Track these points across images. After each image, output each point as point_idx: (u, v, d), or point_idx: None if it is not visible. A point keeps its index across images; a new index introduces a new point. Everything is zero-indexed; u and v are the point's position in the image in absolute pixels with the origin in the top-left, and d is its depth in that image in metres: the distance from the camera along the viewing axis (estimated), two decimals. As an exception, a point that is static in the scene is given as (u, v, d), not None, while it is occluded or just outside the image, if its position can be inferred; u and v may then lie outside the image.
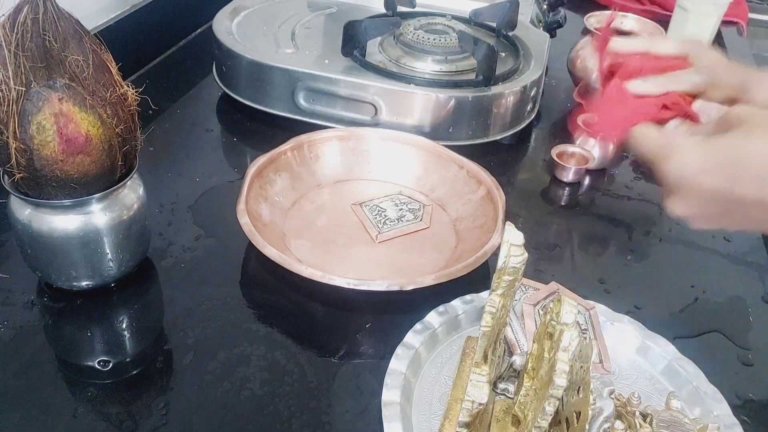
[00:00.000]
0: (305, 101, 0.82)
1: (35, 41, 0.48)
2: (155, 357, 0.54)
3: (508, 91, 0.81)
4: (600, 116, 0.57)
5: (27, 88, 0.48)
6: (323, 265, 0.63)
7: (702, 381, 0.53)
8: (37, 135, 0.48)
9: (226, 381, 0.52)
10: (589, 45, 0.92)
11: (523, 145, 0.88)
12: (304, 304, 0.60)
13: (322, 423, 0.50)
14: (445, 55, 0.85)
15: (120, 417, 0.49)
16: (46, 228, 0.53)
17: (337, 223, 0.69)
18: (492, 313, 0.43)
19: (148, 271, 0.62)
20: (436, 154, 0.75)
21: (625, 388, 0.53)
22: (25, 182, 0.51)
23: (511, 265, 0.42)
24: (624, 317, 0.58)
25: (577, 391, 0.43)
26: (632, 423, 0.46)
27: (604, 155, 0.82)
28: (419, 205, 0.72)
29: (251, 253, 0.65)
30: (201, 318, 0.58)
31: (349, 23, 0.84)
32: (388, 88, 0.80)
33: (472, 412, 0.45)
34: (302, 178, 0.73)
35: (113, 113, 0.52)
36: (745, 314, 0.64)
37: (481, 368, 0.45)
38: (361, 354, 0.57)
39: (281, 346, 0.56)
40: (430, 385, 0.53)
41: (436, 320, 0.56)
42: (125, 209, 0.56)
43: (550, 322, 0.45)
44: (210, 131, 0.85)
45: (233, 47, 0.84)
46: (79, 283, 0.57)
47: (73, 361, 0.54)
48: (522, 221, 0.74)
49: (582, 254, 0.71)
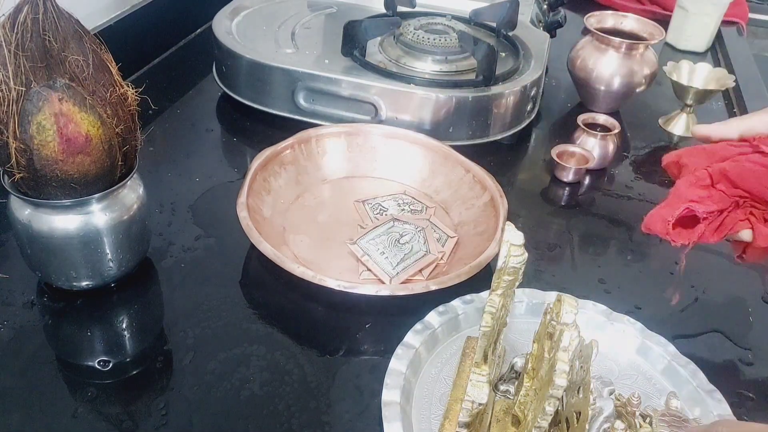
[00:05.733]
0: (305, 101, 0.82)
1: (35, 41, 0.48)
2: (155, 357, 0.54)
3: (508, 91, 0.81)
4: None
5: (27, 88, 0.48)
6: (320, 262, 0.63)
7: (702, 381, 0.53)
8: (37, 135, 0.48)
9: (226, 381, 0.52)
10: (589, 45, 0.92)
11: (523, 145, 0.88)
12: (304, 303, 0.60)
13: (322, 423, 0.50)
14: (445, 55, 0.85)
15: (120, 417, 0.49)
16: (46, 228, 0.53)
17: (337, 220, 0.69)
18: (492, 313, 0.43)
19: (148, 271, 0.62)
20: (443, 155, 0.75)
21: (625, 388, 0.53)
22: (25, 182, 0.51)
23: (511, 265, 0.42)
24: (624, 317, 0.58)
25: (577, 391, 0.43)
26: (632, 423, 0.46)
27: (604, 155, 0.82)
28: (422, 206, 0.72)
29: (251, 253, 0.65)
30: (201, 318, 0.58)
31: (349, 23, 0.84)
32: (388, 88, 0.80)
33: (472, 412, 0.45)
34: (307, 173, 0.73)
35: (113, 113, 0.52)
36: (745, 314, 0.64)
37: (481, 368, 0.45)
38: (361, 354, 0.57)
39: (281, 346, 0.56)
40: (430, 385, 0.53)
41: (436, 320, 0.56)
42: (125, 209, 0.56)
43: (550, 322, 0.45)
44: (210, 131, 0.85)
45: (233, 47, 0.84)
46: (79, 283, 0.57)
47: (73, 361, 0.54)
48: (522, 221, 0.74)
49: (582, 254, 0.70)
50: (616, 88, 0.91)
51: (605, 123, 0.84)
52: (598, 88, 0.92)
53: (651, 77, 0.92)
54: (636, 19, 0.95)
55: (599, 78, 0.91)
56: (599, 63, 0.90)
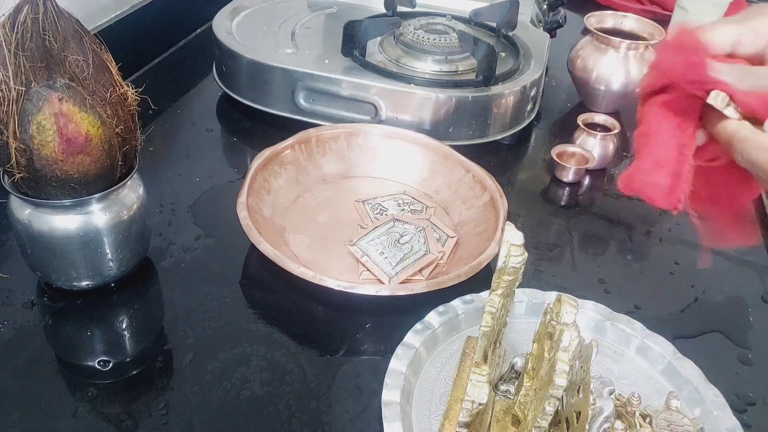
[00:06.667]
0: (305, 101, 0.82)
1: (35, 41, 0.48)
2: (155, 357, 0.54)
3: (508, 91, 0.81)
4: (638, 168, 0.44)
5: (27, 88, 0.48)
6: (320, 262, 0.63)
7: (702, 381, 0.53)
8: (37, 135, 0.48)
9: (226, 381, 0.52)
10: (589, 45, 0.92)
11: (523, 145, 0.88)
12: (304, 303, 0.60)
13: (322, 423, 0.50)
14: (445, 55, 0.85)
15: (120, 417, 0.49)
16: (46, 228, 0.53)
17: (337, 220, 0.69)
18: (492, 313, 0.43)
19: (148, 271, 0.62)
20: (443, 155, 0.75)
21: (625, 388, 0.53)
22: (25, 182, 0.51)
23: (511, 265, 0.42)
24: (624, 317, 0.58)
25: (577, 391, 0.43)
26: (632, 423, 0.46)
27: (604, 155, 0.82)
28: (422, 206, 0.72)
29: (251, 253, 0.65)
30: (201, 318, 0.58)
31: (349, 23, 0.84)
32: (388, 88, 0.80)
33: (472, 412, 0.45)
34: (308, 173, 0.73)
35: (113, 113, 0.52)
36: (745, 314, 0.64)
37: (481, 368, 0.45)
38: (361, 354, 0.57)
39: (281, 346, 0.56)
40: (430, 385, 0.53)
41: (436, 320, 0.56)
42: (125, 209, 0.56)
43: (550, 322, 0.45)
44: (210, 131, 0.85)
45: (233, 47, 0.84)
46: (79, 283, 0.57)
47: (73, 361, 0.54)
48: (522, 221, 0.74)
49: (582, 254, 0.70)
50: (616, 88, 0.91)
51: (605, 123, 0.84)
52: (598, 88, 0.92)
53: (651, 77, 0.91)
54: (636, 19, 0.95)
55: (599, 78, 0.91)
56: (599, 63, 0.90)
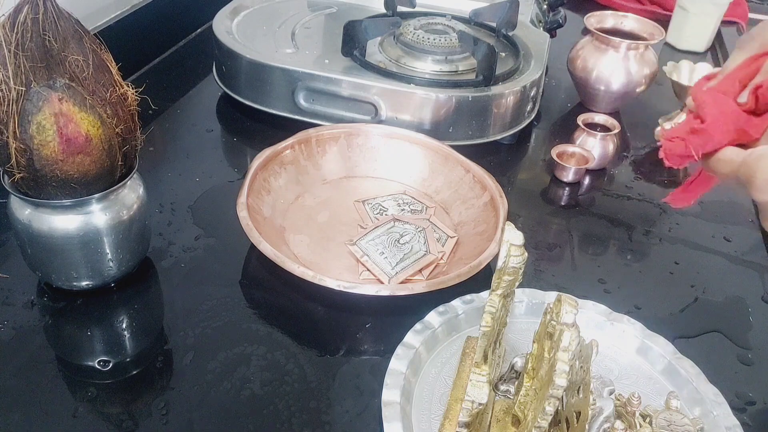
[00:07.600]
0: (305, 101, 0.82)
1: (35, 41, 0.48)
2: (155, 357, 0.54)
3: (508, 91, 0.81)
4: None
5: (27, 88, 0.48)
6: (320, 262, 0.63)
7: (702, 381, 0.53)
8: (37, 135, 0.48)
9: (226, 381, 0.52)
10: (589, 45, 0.92)
11: (523, 145, 0.88)
12: (304, 303, 0.60)
13: (322, 423, 0.50)
14: (445, 55, 0.85)
15: (120, 417, 0.49)
16: (46, 228, 0.53)
17: (337, 220, 0.69)
18: (492, 313, 0.43)
19: (148, 271, 0.62)
20: (443, 155, 0.75)
21: (625, 388, 0.53)
22: (25, 182, 0.51)
23: (511, 265, 0.42)
24: (624, 317, 0.58)
25: (577, 391, 0.43)
26: (632, 423, 0.46)
27: (604, 155, 0.82)
28: (422, 206, 0.72)
29: (251, 253, 0.65)
30: (201, 318, 0.58)
31: (349, 23, 0.84)
32: (388, 88, 0.80)
33: (472, 412, 0.45)
34: (308, 173, 0.73)
35: (113, 113, 0.52)
36: (745, 314, 0.64)
37: (481, 368, 0.45)
38: (361, 354, 0.57)
39: (281, 346, 0.56)
40: (430, 385, 0.53)
41: (436, 320, 0.56)
42: (125, 209, 0.56)
43: (550, 322, 0.45)
44: (210, 131, 0.85)
45: (233, 47, 0.84)
46: (79, 283, 0.57)
47: (73, 361, 0.54)
48: (522, 221, 0.74)
49: (582, 254, 0.70)
50: (616, 88, 0.91)
51: (605, 123, 0.84)
52: (598, 88, 0.92)
53: (651, 77, 0.92)
54: (636, 19, 0.95)
55: (599, 78, 0.91)
56: (599, 63, 0.90)
